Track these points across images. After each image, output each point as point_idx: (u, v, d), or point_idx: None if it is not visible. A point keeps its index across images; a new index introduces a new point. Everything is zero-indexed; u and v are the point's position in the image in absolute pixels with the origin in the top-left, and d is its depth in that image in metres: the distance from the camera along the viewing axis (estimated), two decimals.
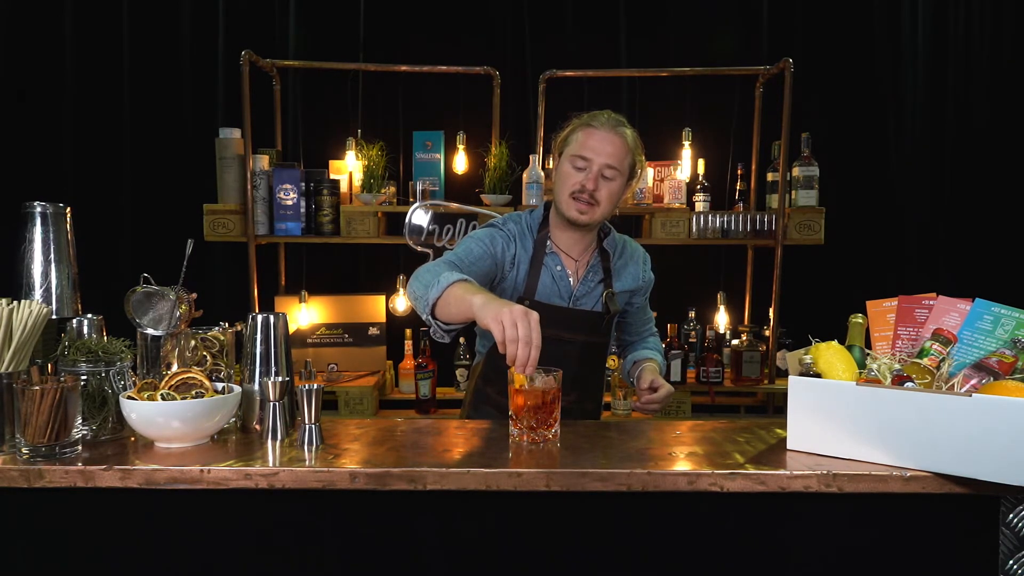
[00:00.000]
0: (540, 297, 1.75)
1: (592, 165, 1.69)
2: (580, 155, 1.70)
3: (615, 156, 1.69)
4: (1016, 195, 3.58)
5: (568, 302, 1.79)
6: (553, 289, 1.77)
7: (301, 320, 3.18)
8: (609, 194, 1.71)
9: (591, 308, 1.81)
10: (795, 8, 3.57)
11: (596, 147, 1.69)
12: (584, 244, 1.82)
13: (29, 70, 3.44)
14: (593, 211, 1.71)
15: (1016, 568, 1.20)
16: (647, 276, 1.97)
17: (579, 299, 1.80)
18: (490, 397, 1.84)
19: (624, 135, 1.72)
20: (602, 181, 1.70)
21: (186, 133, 3.50)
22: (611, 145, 1.69)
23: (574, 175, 1.71)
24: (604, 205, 1.71)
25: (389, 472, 1.20)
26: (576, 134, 1.73)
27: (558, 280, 1.78)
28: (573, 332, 1.76)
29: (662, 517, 1.28)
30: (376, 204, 3.12)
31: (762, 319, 3.34)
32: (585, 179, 1.69)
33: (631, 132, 1.74)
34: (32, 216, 1.52)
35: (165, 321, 1.47)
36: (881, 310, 1.47)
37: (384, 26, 3.53)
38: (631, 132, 1.74)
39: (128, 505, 1.26)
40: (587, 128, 1.72)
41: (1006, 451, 1.12)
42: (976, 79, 3.60)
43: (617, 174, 1.71)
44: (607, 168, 1.69)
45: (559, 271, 1.78)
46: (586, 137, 1.71)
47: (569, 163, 1.72)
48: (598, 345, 1.85)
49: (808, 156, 3.11)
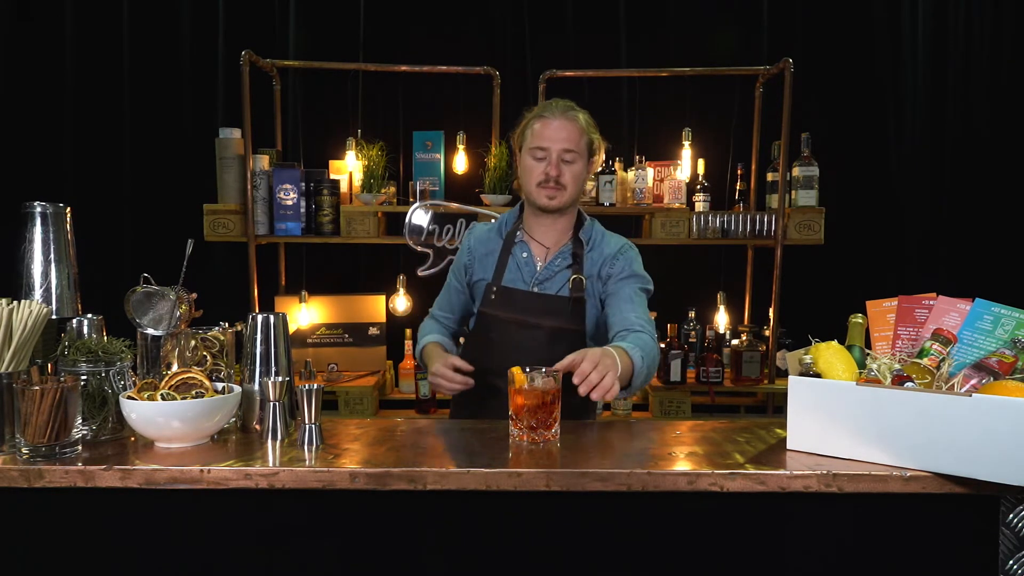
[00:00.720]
0: (506, 283, 1.83)
1: (551, 153, 1.77)
2: (538, 146, 1.78)
3: (571, 140, 1.77)
4: (1016, 195, 3.58)
5: (530, 286, 1.83)
6: (518, 275, 1.84)
7: (301, 320, 3.18)
8: (573, 176, 1.79)
9: (555, 292, 1.82)
10: (795, 8, 3.57)
11: (552, 135, 1.76)
12: (558, 232, 1.86)
13: (29, 70, 3.44)
14: (561, 194, 1.78)
15: (1016, 568, 1.20)
16: (619, 265, 1.82)
17: (542, 283, 1.83)
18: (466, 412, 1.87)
19: (576, 119, 1.79)
20: (564, 166, 1.77)
21: (186, 133, 3.50)
22: (565, 130, 1.77)
23: (537, 166, 1.78)
24: (571, 187, 1.79)
25: (389, 472, 1.20)
26: (531, 127, 1.81)
27: (522, 266, 1.84)
28: (538, 316, 1.79)
29: (662, 517, 1.28)
30: (376, 204, 3.12)
31: (762, 319, 3.34)
32: (547, 167, 1.77)
33: (583, 114, 1.82)
34: (32, 216, 1.52)
35: (165, 321, 1.47)
36: (881, 310, 1.47)
37: (384, 26, 3.53)
38: (583, 114, 1.82)
39: (128, 505, 1.26)
40: (541, 119, 1.79)
41: (1006, 451, 1.13)
42: (976, 79, 3.60)
43: (576, 156, 1.78)
44: (566, 152, 1.77)
45: (525, 257, 1.85)
46: (542, 127, 1.78)
47: (530, 155, 1.80)
48: (570, 332, 1.81)
49: (808, 156, 3.11)
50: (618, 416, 3.10)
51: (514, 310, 1.80)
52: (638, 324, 1.70)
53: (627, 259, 1.84)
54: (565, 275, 1.82)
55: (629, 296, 1.77)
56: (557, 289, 1.82)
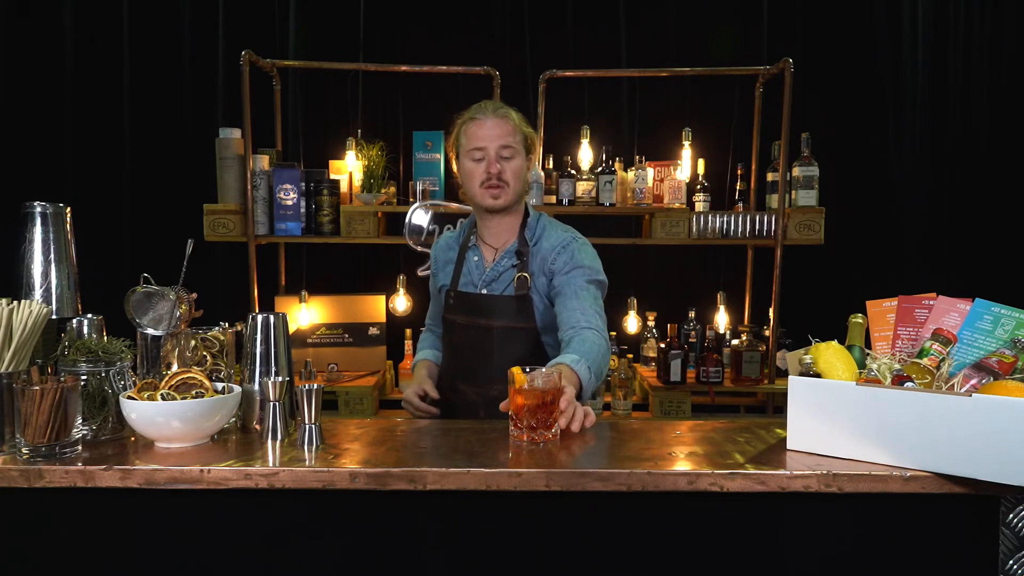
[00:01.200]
0: (461, 287, 1.89)
1: (488, 152, 1.79)
2: (476, 147, 1.80)
3: (506, 136, 1.80)
4: (1016, 195, 3.58)
5: (479, 288, 1.87)
6: (469, 278, 1.89)
7: (301, 320, 3.18)
8: (514, 172, 1.81)
9: (502, 292, 1.84)
10: (795, 8, 3.57)
11: (487, 135, 1.79)
12: (505, 231, 1.88)
13: (29, 70, 3.44)
14: (505, 192, 1.81)
15: (1016, 568, 1.20)
16: (561, 260, 1.80)
17: (489, 283, 1.86)
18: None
19: (508, 115, 1.82)
20: (503, 162, 1.80)
21: (186, 133, 3.50)
22: (499, 128, 1.79)
23: (477, 167, 1.81)
24: (513, 183, 1.81)
25: (389, 472, 1.20)
26: (465, 130, 1.83)
27: (473, 269, 1.89)
28: (488, 317, 1.83)
29: (662, 517, 1.28)
30: (376, 204, 3.12)
31: (762, 319, 3.34)
32: (488, 166, 1.79)
33: (514, 112, 1.85)
34: (32, 216, 1.52)
35: (165, 321, 1.47)
36: (881, 310, 1.47)
37: (384, 26, 3.53)
38: (514, 112, 1.85)
39: (128, 505, 1.26)
40: (473, 121, 1.82)
41: (1006, 451, 1.12)
42: (976, 79, 3.60)
43: (514, 152, 1.81)
44: (503, 149, 1.80)
45: (476, 261, 1.89)
46: (476, 128, 1.81)
47: (468, 158, 1.82)
48: (520, 330, 1.82)
49: (808, 156, 3.11)
50: (618, 416, 3.10)
51: (468, 313, 1.86)
52: (584, 321, 1.67)
53: (569, 252, 1.81)
54: (511, 274, 1.84)
55: (575, 291, 1.74)
56: (503, 289, 1.84)
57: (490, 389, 1.79)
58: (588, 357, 1.58)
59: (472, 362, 1.84)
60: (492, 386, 1.78)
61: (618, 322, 3.43)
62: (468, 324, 1.85)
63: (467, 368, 1.86)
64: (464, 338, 1.86)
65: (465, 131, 1.83)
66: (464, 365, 1.87)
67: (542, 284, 1.82)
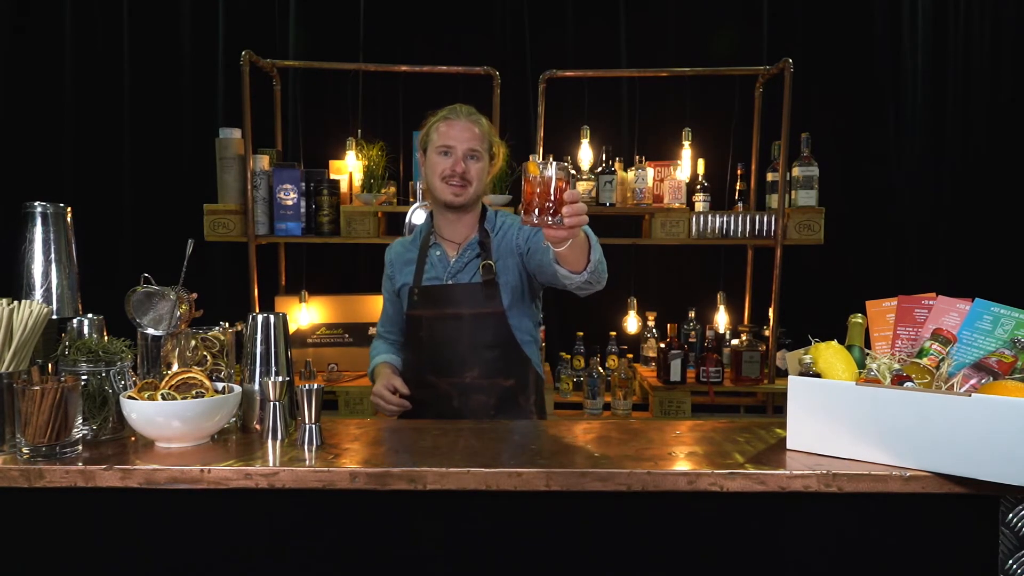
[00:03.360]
0: (425, 282, 1.93)
1: (456, 150, 1.87)
2: (445, 144, 1.87)
3: (475, 140, 1.88)
4: (1016, 195, 3.58)
5: (444, 280, 1.93)
6: (433, 273, 1.94)
7: (301, 320, 3.18)
8: (477, 173, 1.89)
9: (469, 281, 1.91)
10: (795, 8, 3.57)
11: (458, 135, 1.87)
12: (465, 227, 1.95)
13: (29, 70, 3.44)
14: (466, 191, 1.88)
15: (1016, 568, 1.20)
16: (526, 229, 1.85)
17: (455, 275, 1.92)
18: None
19: (480, 123, 1.91)
20: (469, 162, 1.88)
21: (186, 133, 3.50)
22: (469, 132, 1.88)
23: (442, 161, 1.87)
24: (475, 183, 1.89)
25: (389, 472, 1.20)
26: (437, 128, 1.90)
27: (437, 264, 1.94)
28: (457, 307, 1.89)
29: (662, 517, 1.28)
30: (376, 204, 3.12)
31: (762, 319, 3.34)
32: (453, 163, 1.86)
33: (485, 120, 1.95)
34: (32, 216, 1.53)
35: (165, 321, 1.47)
36: (881, 310, 1.47)
37: (384, 26, 3.53)
38: (485, 120, 1.95)
39: (128, 505, 1.26)
40: (447, 120, 1.89)
41: (1006, 451, 1.13)
42: (976, 79, 3.60)
43: (480, 154, 1.89)
44: (470, 151, 1.87)
45: (439, 256, 1.95)
46: (448, 127, 1.88)
47: (436, 152, 1.89)
48: (491, 316, 1.89)
49: (808, 156, 3.11)
50: (618, 416, 3.10)
51: (435, 305, 1.91)
52: None
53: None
54: (475, 264, 1.91)
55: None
56: (469, 278, 1.91)
57: (462, 377, 1.86)
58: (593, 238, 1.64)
59: (442, 353, 1.89)
60: (464, 374, 1.86)
61: (618, 322, 3.44)
62: (436, 316, 1.90)
63: (437, 360, 1.90)
64: (432, 331, 1.91)
65: (436, 128, 1.90)
66: (433, 357, 1.91)
67: (512, 264, 1.89)
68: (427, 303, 1.92)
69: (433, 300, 1.91)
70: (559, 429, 1.51)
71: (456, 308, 1.89)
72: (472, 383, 1.87)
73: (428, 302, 1.92)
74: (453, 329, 1.89)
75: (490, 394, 1.88)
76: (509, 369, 1.90)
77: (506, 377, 1.90)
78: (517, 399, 1.93)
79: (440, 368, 1.89)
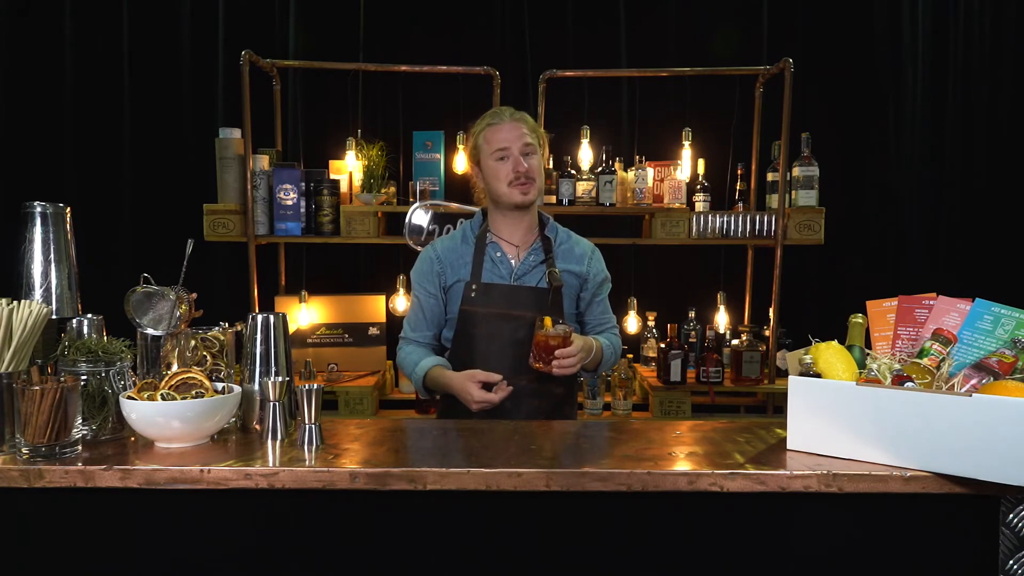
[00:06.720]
0: (485, 279, 1.93)
1: (512, 151, 1.88)
2: (500, 148, 1.89)
3: (527, 136, 1.91)
4: (1016, 195, 3.58)
5: (510, 280, 1.93)
6: (495, 271, 1.94)
7: (301, 320, 3.18)
8: (537, 167, 1.92)
9: (535, 285, 1.93)
10: (795, 8, 3.57)
11: (508, 136, 1.89)
12: (524, 229, 1.97)
13: (29, 70, 3.44)
14: (533, 187, 1.91)
15: (1016, 568, 1.20)
16: (595, 268, 2.01)
17: (520, 277, 1.93)
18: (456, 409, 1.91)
19: (525, 119, 1.94)
20: (527, 159, 1.90)
21: (186, 133, 3.50)
22: (518, 130, 1.90)
23: (503, 166, 1.89)
24: (537, 179, 1.92)
25: (389, 472, 1.20)
26: (485, 135, 1.93)
27: (499, 263, 1.94)
28: (520, 309, 1.89)
29: (662, 517, 1.28)
30: (376, 204, 3.12)
31: (762, 319, 3.34)
32: (515, 164, 1.88)
33: (528, 115, 1.98)
34: (32, 216, 1.52)
35: (165, 321, 1.47)
36: (881, 310, 1.47)
37: (384, 26, 3.53)
38: (528, 115, 1.98)
39: (128, 505, 1.26)
40: (493, 126, 1.92)
41: (1006, 451, 1.13)
42: (976, 78, 3.60)
43: (534, 149, 1.92)
44: (525, 147, 1.90)
45: (499, 256, 1.95)
46: (495, 132, 1.91)
47: (492, 159, 1.90)
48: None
49: (808, 156, 3.11)
50: (618, 416, 3.10)
51: (496, 304, 1.90)
52: (610, 323, 2.07)
53: (598, 260, 2.04)
54: (541, 270, 1.94)
55: (604, 299, 2.06)
56: (535, 283, 1.93)
57: (518, 380, 1.83)
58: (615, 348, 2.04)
59: (497, 350, 1.87)
60: (520, 376, 1.84)
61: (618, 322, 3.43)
62: (494, 315, 1.89)
63: (491, 357, 1.87)
64: (488, 328, 1.88)
65: (485, 135, 1.91)
66: (487, 354, 1.88)
67: (572, 282, 1.97)
68: (486, 300, 1.90)
69: (494, 298, 1.90)
70: (559, 429, 1.51)
71: (520, 310, 1.88)
72: (526, 386, 1.86)
73: (487, 299, 1.90)
74: (511, 330, 1.87)
75: (543, 399, 1.88)
76: (563, 377, 1.85)
77: (558, 384, 1.90)
78: (563, 408, 1.92)
79: (492, 366, 1.83)
